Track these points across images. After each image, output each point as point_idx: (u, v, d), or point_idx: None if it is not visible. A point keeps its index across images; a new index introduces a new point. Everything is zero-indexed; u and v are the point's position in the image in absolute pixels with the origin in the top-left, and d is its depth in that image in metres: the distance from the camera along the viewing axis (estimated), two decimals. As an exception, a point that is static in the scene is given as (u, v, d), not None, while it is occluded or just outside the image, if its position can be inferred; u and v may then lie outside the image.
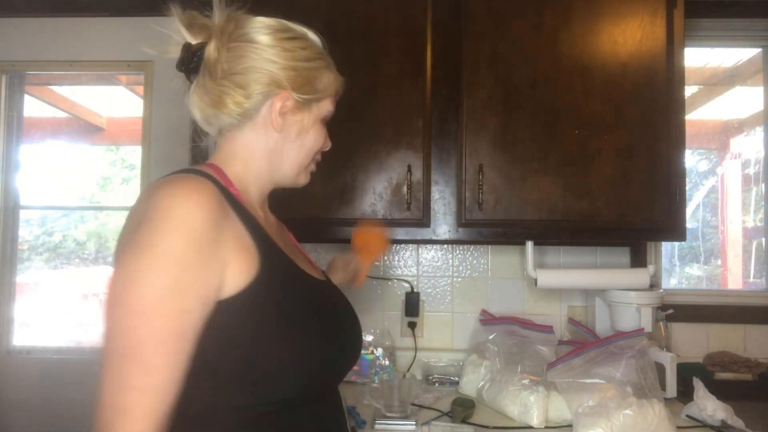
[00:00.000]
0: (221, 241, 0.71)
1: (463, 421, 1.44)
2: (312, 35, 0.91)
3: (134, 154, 2.31)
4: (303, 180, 0.94)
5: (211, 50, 0.81)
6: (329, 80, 0.91)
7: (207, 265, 0.69)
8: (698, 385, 1.45)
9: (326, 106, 0.91)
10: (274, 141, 0.86)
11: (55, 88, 2.39)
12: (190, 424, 0.73)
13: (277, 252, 0.81)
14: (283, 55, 0.83)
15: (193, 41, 0.82)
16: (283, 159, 0.88)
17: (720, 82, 2.23)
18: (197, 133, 0.92)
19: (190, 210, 0.68)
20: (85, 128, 2.52)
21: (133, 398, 0.64)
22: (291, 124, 0.86)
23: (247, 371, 0.73)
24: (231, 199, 0.77)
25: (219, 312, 0.71)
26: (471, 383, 1.68)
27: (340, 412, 0.90)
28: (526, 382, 1.48)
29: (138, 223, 0.69)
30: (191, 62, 0.82)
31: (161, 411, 0.66)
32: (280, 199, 1.06)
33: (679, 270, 2.22)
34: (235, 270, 0.72)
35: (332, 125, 0.95)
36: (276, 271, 0.78)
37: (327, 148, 0.95)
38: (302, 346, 0.76)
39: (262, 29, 0.83)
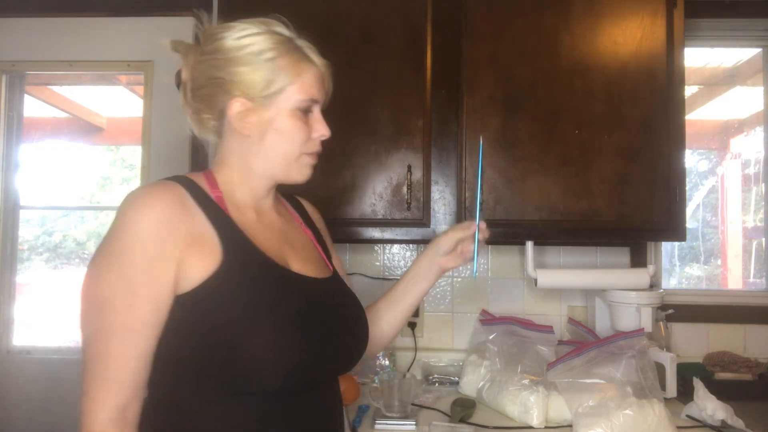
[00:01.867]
0: (174, 240, 0.76)
1: (462, 421, 1.44)
2: (272, 26, 0.88)
3: (134, 154, 2.31)
4: (296, 175, 0.92)
5: (184, 73, 0.88)
6: (288, 67, 0.86)
7: (158, 263, 0.75)
8: (698, 385, 1.45)
9: (294, 95, 0.87)
10: (247, 144, 0.88)
11: (55, 88, 2.39)
12: (159, 409, 0.80)
13: (247, 248, 0.84)
14: (235, 59, 0.85)
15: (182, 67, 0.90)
16: (260, 158, 0.88)
17: (720, 82, 2.23)
18: (199, 144, 0.98)
19: (142, 213, 0.76)
20: (85, 128, 2.52)
21: (92, 383, 0.74)
22: (254, 126, 0.87)
23: (206, 361, 0.77)
24: (207, 201, 0.83)
25: (181, 305, 0.77)
26: (471, 383, 1.68)
27: (324, 411, 0.89)
28: (526, 382, 1.48)
29: (110, 226, 0.78)
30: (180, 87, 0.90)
31: (118, 394, 0.74)
32: (280, 199, 1.05)
33: (679, 270, 2.22)
34: (193, 265, 0.77)
35: (332, 125, 0.95)
36: (239, 266, 0.81)
37: (322, 137, 0.92)
38: (261, 337, 0.78)
39: (218, 37, 0.86)
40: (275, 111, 0.87)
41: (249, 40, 0.85)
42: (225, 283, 0.78)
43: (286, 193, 1.05)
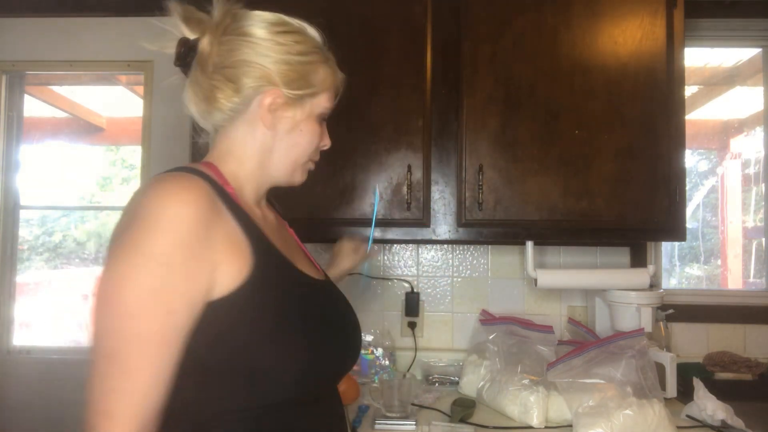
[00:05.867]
0: (211, 241, 0.70)
1: (462, 421, 1.44)
2: (311, 30, 0.89)
3: (134, 154, 2.30)
4: (299, 178, 0.91)
5: (204, 44, 0.81)
6: (325, 75, 0.88)
7: (195, 266, 0.68)
8: (698, 385, 1.45)
9: (322, 103, 0.88)
10: (266, 138, 0.84)
11: (55, 88, 2.39)
12: (191, 428, 0.73)
13: (273, 251, 0.80)
14: (276, 49, 0.81)
15: (191, 36, 0.82)
16: (274, 156, 0.86)
17: (720, 82, 2.23)
18: (195, 130, 0.90)
19: (178, 210, 0.68)
20: (85, 128, 2.52)
21: (114, 401, 0.64)
22: (281, 120, 0.84)
23: (241, 372, 0.72)
24: (226, 197, 0.77)
25: (209, 313, 0.70)
26: (471, 383, 1.68)
27: (338, 415, 0.89)
28: (526, 382, 1.48)
29: (128, 222, 0.69)
30: (186, 57, 0.82)
31: (144, 413, 0.65)
32: (280, 198, 1.06)
33: (679, 270, 2.22)
34: (226, 270, 0.71)
35: (332, 125, 0.95)
36: (270, 271, 0.77)
37: (326, 147, 0.93)
38: (294, 346, 0.75)
39: (257, 23, 0.82)
40: (307, 112, 0.86)
41: (292, 38, 0.84)
42: (257, 292, 0.73)
43: None
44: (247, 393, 0.73)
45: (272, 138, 0.85)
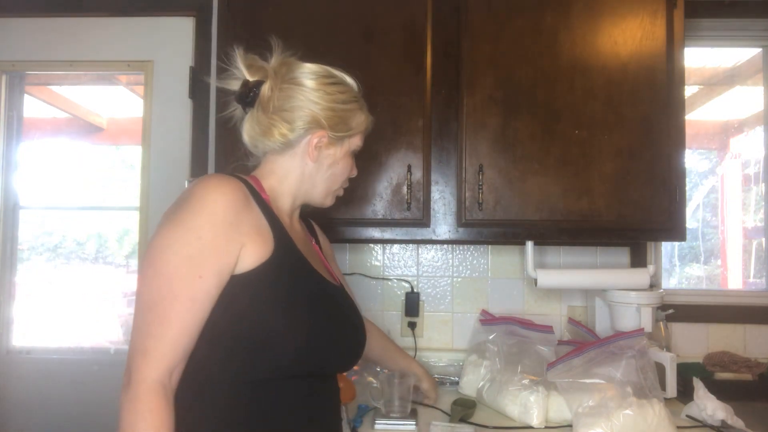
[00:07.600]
0: (240, 225, 0.87)
1: (462, 421, 1.44)
2: (350, 80, 1.06)
3: (134, 154, 2.30)
4: (329, 202, 1.11)
5: (266, 89, 0.99)
6: (361, 120, 1.08)
7: (223, 242, 0.85)
8: (698, 385, 1.45)
9: (356, 142, 1.09)
10: (309, 169, 1.04)
11: (55, 88, 2.38)
12: (193, 389, 0.87)
13: (292, 246, 0.97)
14: (325, 98, 1.00)
15: (251, 79, 1.00)
16: (314, 184, 1.06)
17: (720, 82, 2.23)
18: (246, 155, 1.09)
19: (216, 197, 0.86)
20: (85, 128, 2.51)
21: (150, 343, 0.81)
22: (324, 157, 1.04)
23: (247, 341, 0.87)
24: (260, 200, 0.95)
25: (232, 285, 0.87)
26: (471, 383, 1.68)
27: (333, 400, 1.03)
28: (526, 382, 1.48)
29: (178, 204, 0.88)
30: (247, 96, 1.00)
31: (172, 357, 0.82)
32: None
33: (679, 270, 2.22)
34: (250, 251, 0.88)
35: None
36: (286, 260, 0.93)
37: (354, 175, 1.14)
38: (297, 323, 0.90)
39: (308, 74, 1.00)
40: (345, 150, 1.07)
41: (337, 88, 1.02)
42: (273, 273, 0.89)
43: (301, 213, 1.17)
44: (250, 361, 0.88)
45: (315, 169, 1.04)
